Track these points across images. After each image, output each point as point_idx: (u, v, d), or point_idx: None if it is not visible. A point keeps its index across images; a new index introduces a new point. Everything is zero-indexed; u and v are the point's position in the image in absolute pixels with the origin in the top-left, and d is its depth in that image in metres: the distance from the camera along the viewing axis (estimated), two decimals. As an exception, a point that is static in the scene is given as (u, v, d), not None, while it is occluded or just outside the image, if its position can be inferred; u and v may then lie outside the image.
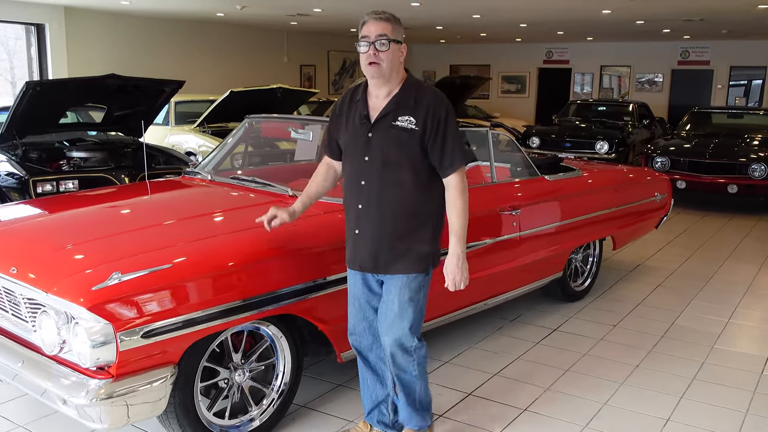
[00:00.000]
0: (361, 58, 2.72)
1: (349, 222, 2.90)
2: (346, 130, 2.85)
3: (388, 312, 2.85)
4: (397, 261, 2.80)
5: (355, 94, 2.87)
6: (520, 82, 20.82)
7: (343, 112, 2.88)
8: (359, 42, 2.71)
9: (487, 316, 4.87)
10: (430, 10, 11.84)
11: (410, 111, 2.72)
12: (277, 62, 17.07)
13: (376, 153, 2.74)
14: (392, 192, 2.76)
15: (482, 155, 5.04)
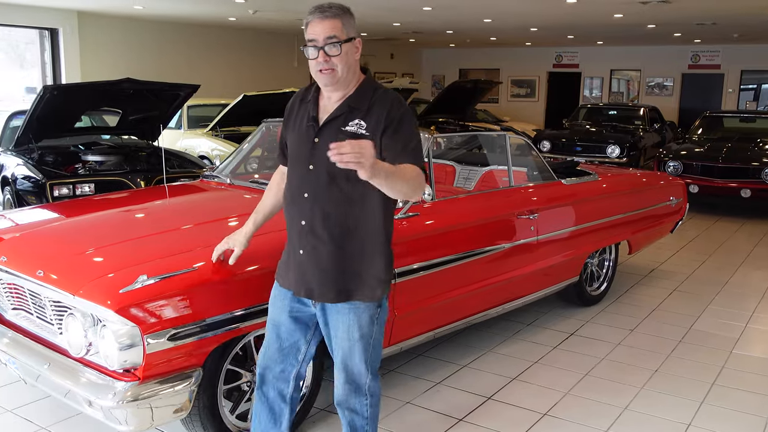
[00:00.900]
0: (310, 65, 2.38)
1: (290, 240, 2.53)
2: (292, 132, 2.53)
3: (338, 349, 2.53)
4: (346, 289, 2.44)
5: (306, 93, 2.54)
6: (529, 86, 20.82)
7: (292, 114, 2.56)
8: (306, 47, 2.37)
9: (504, 321, 4.86)
10: (442, 15, 11.86)
11: (362, 115, 2.38)
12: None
13: (321, 162, 2.34)
14: (340, 207, 2.40)
15: (499, 159, 5.06)
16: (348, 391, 2.58)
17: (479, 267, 4.04)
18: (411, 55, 21.71)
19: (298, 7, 11.17)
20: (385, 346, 3.53)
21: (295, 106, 2.57)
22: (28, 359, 2.90)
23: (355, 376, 2.55)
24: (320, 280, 2.45)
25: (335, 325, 2.50)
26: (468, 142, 5.91)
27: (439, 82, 21.79)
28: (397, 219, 3.56)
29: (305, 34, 2.38)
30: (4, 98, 12.62)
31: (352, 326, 2.49)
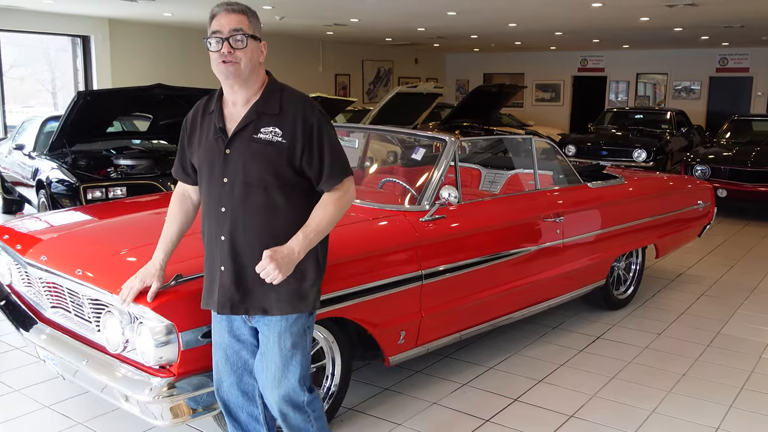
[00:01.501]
0: (212, 58, 2.28)
1: (210, 258, 2.41)
2: (199, 147, 2.38)
3: (270, 365, 2.42)
4: (274, 301, 2.36)
5: (208, 104, 2.42)
6: (554, 90, 20.74)
7: (196, 127, 2.42)
8: (208, 38, 2.28)
9: (530, 324, 4.87)
10: (466, 20, 11.89)
11: (275, 121, 2.29)
12: (313, 71, 17.27)
13: (236, 173, 2.29)
14: (261, 219, 2.31)
15: (525, 162, 5.08)
16: (286, 409, 2.46)
17: (505, 269, 4.07)
18: (435, 60, 21.76)
19: (324, 13, 11.28)
20: (411, 346, 3.59)
21: (197, 119, 2.42)
22: (67, 355, 2.99)
23: (291, 394, 2.44)
24: (246, 294, 2.36)
25: (266, 338, 2.41)
26: (493, 145, 5.94)
27: (463, 87, 21.80)
28: (423, 221, 3.62)
29: (209, 28, 2.30)
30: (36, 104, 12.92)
31: (285, 340, 2.39)
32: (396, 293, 3.38)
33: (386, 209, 3.70)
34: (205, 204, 2.42)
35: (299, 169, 2.32)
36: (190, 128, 2.44)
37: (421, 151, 4.25)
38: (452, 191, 3.63)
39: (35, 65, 13.19)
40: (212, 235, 2.38)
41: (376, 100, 18.22)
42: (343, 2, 9.83)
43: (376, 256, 3.33)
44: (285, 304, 2.37)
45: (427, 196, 3.74)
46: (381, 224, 3.54)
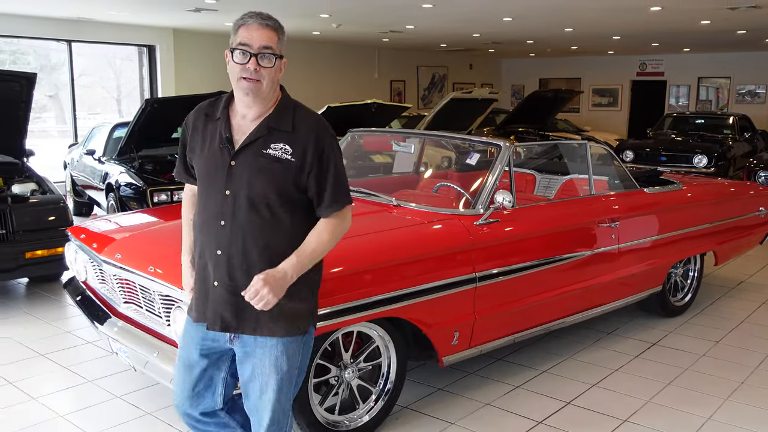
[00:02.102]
0: (233, 69, 2.18)
1: (202, 270, 2.28)
2: (201, 153, 2.27)
3: (265, 388, 2.29)
4: (268, 323, 2.23)
5: (212, 108, 2.30)
6: (612, 95, 20.42)
7: (197, 130, 2.30)
8: (234, 48, 2.17)
9: (584, 328, 4.87)
10: (523, 25, 11.87)
11: (286, 138, 2.20)
12: (368, 78, 17.46)
13: (239, 186, 2.18)
14: (262, 236, 2.20)
15: (580, 168, 5.09)
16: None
17: (559, 274, 4.10)
18: (490, 65, 21.70)
19: (381, 20, 11.44)
20: (465, 347, 3.66)
21: (199, 123, 2.30)
22: (139, 348, 3.17)
23: (281, 419, 2.35)
24: (239, 312, 2.23)
25: (259, 359, 2.27)
26: (548, 151, 5.95)
27: (518, 92, 21.68)
28: (478, 225, 3.69)
29: (234, 37, 2.18)
30: (102, 111, 13.47)
31: (281, 364, 2.28)
32: (450, 295, 3.46)
33: (441, 213, 3.78)
34: (201, 214, 2.28)
35: (303, 188, 2.24)
36: (191, 130, 2.32)
37: (476, 156, 4.32)
38: (507, 195, 3.69)
39: (101, 73, 13.75)
40: (207, 248, 2.24)
41: (431, 105, 18.29)
42: (399, 9, 9.96)
43: (431, 258, 3.42)
44: (280, 327, 2.24)
45: (482, 201, 3.81)
46: (436, 227, 3.63)
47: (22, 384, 3.96)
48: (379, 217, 3.73)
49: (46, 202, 5.51)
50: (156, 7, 9.85)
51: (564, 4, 9.33)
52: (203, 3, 9.32)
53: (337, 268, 3.07)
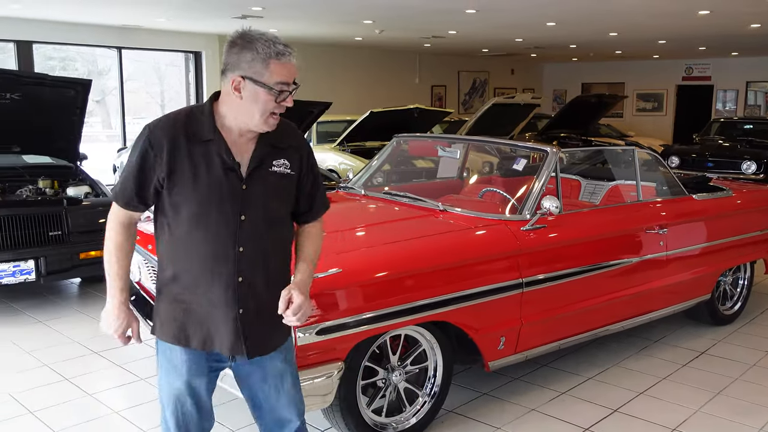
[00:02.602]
0: (262, 101, 2.02)
1: (219, 299, 2.11)
2: (195, 178, 2.05)
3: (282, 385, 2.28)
4: (280, 332, 2.25)
5: (194, 127, 2.06)
6: (656, 99, 20.09)
7: (180, 151, 2.04)
8: (273, 84, 2.01)
9: (630, 336, 4.83)
10: (566, 30, 11.78)
11: (283, 153, 2.15)
12: (409, 83, 17.52)
13: (257, 209, 2.10)
14: (280, 256, 2.19)
15: (626, 174, 5.05)
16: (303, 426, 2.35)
17: (606, 280, 4.07)
18: (531, 70, 21.57)
19: (424, 26, 11.48)
20: (510, 353, 3.67)
21: (178, 144, 2.04)
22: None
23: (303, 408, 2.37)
24: (264, 335, 2.19)
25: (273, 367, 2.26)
26: (593, 156, 5.91)
27: (560, 97, 21.49)
28: (525, 230, 3.69)
29: (266, 70, 2.00)
30: (147, 116, 13.81)
31: (290, 359, 2.31)
32: (497, 300, 3.48)
33: (487, 218, 3.80)
34: (206, 244, 2.08)
35: (296, 199, 2.23)
36: (168, 151, 2.03)
37: (522, 161, 4.32)
38: (554, 201, 3.69)
39: (146, 79, 14.09)
40: (220, 277, 2.10)
41: (472, 111, 18.26)
42: (443, 15, 9.99)
43: (478, 263, 3.44)
44: (284, 333, 2.27)
45: (528, 206, 3.81)
46: (483, 232, 3.65)
47: (78, 380, 4.09)
48: (426, 222, 3.77)
49: (99, 204, 5.67)
50: (203, 14, 10.06)
51: (610, 9, 9.24)
52: (249, 10, 9.48)
53: (386, 271, 3.12)
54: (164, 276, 2.18)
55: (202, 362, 2.21)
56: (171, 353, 2.21)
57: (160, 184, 2.07)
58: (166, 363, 2.24)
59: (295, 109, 2.08)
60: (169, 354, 2.22)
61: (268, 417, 2.34)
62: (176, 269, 2.14)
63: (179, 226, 2.09)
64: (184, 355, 2.20)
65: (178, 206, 2.07)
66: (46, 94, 5.78)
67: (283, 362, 2.28)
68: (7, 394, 3.89)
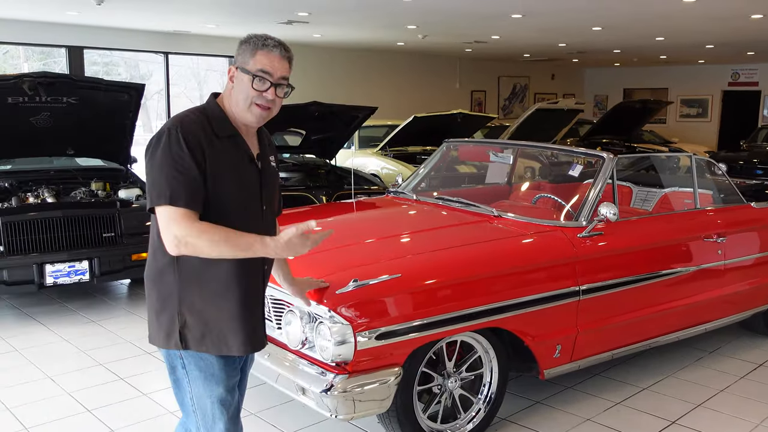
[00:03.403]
0: (248, 93, 2.10)
1: (251, 290, 2.17)
2: (233, 171, 2.12)
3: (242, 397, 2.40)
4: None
5: (214, 125, 2.13)
6: (701, 105, 19.70)
7: (214, 148, 2.09)
8: (253, 74, 2.09)
9: (684, 346, 4.72)
10: (612, 35, 11.63)
11: (272, 151, 2.32)
12: (449, 88, 17.49)
13: (269, 201, 2.24)
14: None
15: (680, 180, 4.96)
16: None
17: (663, 289, 4.00)
18: (572, 75, 21.35)
19: (467, 31, 11.46)
20: (566, 361, 3.62)
21: (210, 141, 2.09)
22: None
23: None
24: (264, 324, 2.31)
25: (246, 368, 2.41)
26: (647, 163, 5.82)
27: (601, 103, 21.22)
28: (581, 237, 3.64)
29: (250, 59, 2.11)
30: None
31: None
32: (554, 307, 3.44)
33: (543, 224, 3.76)
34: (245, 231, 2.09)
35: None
36: (209, 151, 2.07)
37: (578, 167, 4.27)
38: (611, 208, 3.63)
39: (186, 84, 14.31)
40: (254, 267, 2.16)
41: (512, 116, 18.14)
42: (487, 20, 9.95)
43: (535, 269, 3.40)
44: None
45: (585, 213, 3.76)
46: (539, 239, 3.61)
47: (132, 380, 4.16)
48: (481, 228, 3.75)
49: (151, 207, 5.76)
50: (249, 19, 10.18)
51: (661, 13, 9.09)
52: (296, 15, 9.57)
53: (446, 277, 3.11)
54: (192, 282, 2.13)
55: (237, 369, 2.28)
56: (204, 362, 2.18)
57: (203, 177, 2.04)
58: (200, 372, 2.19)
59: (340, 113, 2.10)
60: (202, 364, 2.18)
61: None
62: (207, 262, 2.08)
63: (217, 216, 2.06)
64: (227, 364, 2.20)
65: (220, 201, 2.07)
66: (101, 98, 5.91)
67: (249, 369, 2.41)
68: (65, 393, 3.97)
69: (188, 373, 2.19)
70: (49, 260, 5.11)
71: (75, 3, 8.66)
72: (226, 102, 2.18)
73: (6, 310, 5.54)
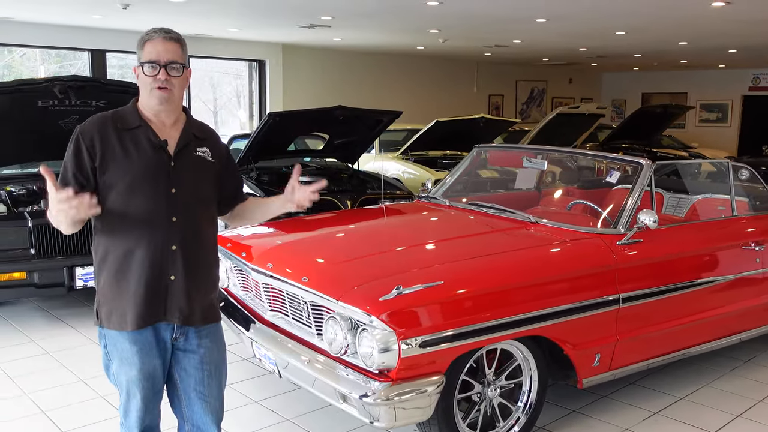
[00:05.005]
0: (145, 81, 2.30)
1: (151, 267, 2.30)
2: (127, 159, 2.29)
3: (211, 381, 2.47)
4: (213, 308, 2.48)
5: (121, 120, 2.34)
6: (721, 110, 19.54)
7: (109, 143, 2.29)
8: (142, 64, 2.29)
9: (718, 355, 4.66)
10: (635, 39, 11.55)
11: (204, 143, 2.45)
12: (467, 92, 17.44)
13: (186, 185, 2.37)
14: (209, 231, 2.46)
15: (714, 187, 4.90)
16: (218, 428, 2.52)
17: (702, 297, 3.95)
18: (590, 79, 21.25)
19: (489, 35, 11.42)
20: (605, 370, 3.58)
21: (108, 136, 2.30)
22: (288, 355, 3.26)
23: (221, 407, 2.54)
24: (196, 302, 2.38)
25: (210, 349, 2.45)
26: (680, 169, 5.75)
27: (620, 107, 21.10)
28: (620, 245, 3.60)
29: (141, 52, 2.32)
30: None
31: (222, 348, 2.52)
32: (594, 315, 3.40)
33: (580, 231, 3.72)
34: (142, 215, 2.30)
35: (218, 186, 2.51)
36: (100, 146, 2.29)
37: (616, 174, 4.22)
38: (651, 216, 3.59)
39: (200, 86, 14.37)
40: (157, 245, 2.31)
41: (530, 120, 18.07)
42: (510, 24, 9.91)
43: (576, 277, 3.37)
44: (217, 313, 2.52)
45: (623, 220, 3.72)
46: (577, 246, 3.57)
47: (165, 384, 4.14)
48: (519, 235, 3.71)
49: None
50: (271, 22, 10.19)
51: (689, 16, 9.00)
52: (318, 19, 9.57)
53: (488, 284, 3.09)
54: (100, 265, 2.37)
55: (152, 343, 2.38)
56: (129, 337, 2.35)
57: (93, 168, 2.29)
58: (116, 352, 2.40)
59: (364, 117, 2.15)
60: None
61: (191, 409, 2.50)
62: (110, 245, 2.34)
63: (114, 203, 2.30)
64: (135, 337, 2.34)
65: (113, 182, 2.29)
66: (128, 101, 5.91)
67: (217, 352, 2.48)
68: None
69: (108, 351, 2.42)
70: (79, 263, 5.12)
71: (101, 6, 8.71)
72: (140, 101, 2.38)
73: (35, 312, 5.56)
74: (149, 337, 2.35)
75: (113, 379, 2.44)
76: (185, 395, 2.47)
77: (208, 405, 2.48)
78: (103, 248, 2.35)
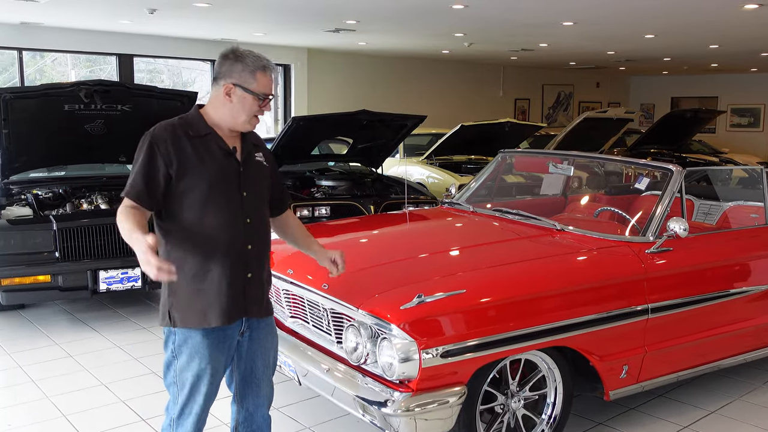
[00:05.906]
0: (245, 104, 2.42)
1: (232, 267, 2.43)
2: (202, 165, 2.41)
3: (266, 369, 2.65)
4: (270, 301, 2.69)
5: (190, 128, 2.44)
6: (753, 115, 19.17)
7: (183, 150, 2.40)
8: (258, 95, 2.41)
9: (749, 368, 4.52)
10: (664, 42, 11.37)
11: (258, 149, 2.61)
12: (493, 96, 17.33)
13: (254, 189, 2.53)
14: (267, 229, 2.65)
15: (748, 194, 4.77)
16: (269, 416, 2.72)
17: (734, 308, 3.83)
18: (618, 83, 20.99)
19: (515, 39, 11.32)
20: (632, 382, 3.49)
21: (181, 143, 2.40)
22: (307, 363, 3.22)
23: (273, 391, 2.74)
24: (263, 296, 2.59)
25: (264, 338, 2.62)
26: (711, 176, 5.62)
27: (648, 111, 20.80)
28: (649, 253, 3.51)
29: (251, 78, 2.40)
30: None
31: (277, 336, 2.72)
32: (621, 326, 3.31)
33: (608, 239, 3.63)
34: (220, 219, 2.42)
35: (270, 189, 2.66)
36: (175, 153, 2.38)
37: (645, 180, 4.12)
38: (682, 223, 3.49)
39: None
40: (236, 245, 2.45)
41: (556, 125, 17.89)
42: (537, 27, 9.80)
43: (603, 286, 3.28)
44: (272, 304, 2.71)
45: (653, 228, 3.62)
46: (605, 255, 3.48)
47: (185, 389, 4.12)
48: (544, 242, 3.63)
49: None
50: (296, 26, 10.21)
51: (720, 20, 8.82)
52: (344, 24, 9.56)
53: (511, 293, 3.01)
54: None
55: (227, 341, 2.52)
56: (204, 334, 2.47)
57: (168, 175, 2.37)
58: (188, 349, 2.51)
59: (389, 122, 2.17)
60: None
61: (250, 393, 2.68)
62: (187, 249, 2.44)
63: (190, 209, 2.40)
64: (212, 335, 2.46)
65: (188, 192, 2.39)
66: (154, 105, 5.94)
67: (271, 341, 2.66)
68: (120, 401, 3.97)
69: (175, 348, 2.50)
70: (102, 267, 5.14)
71: (128, 12, 8.79)
72: (212, 111, 2.49)
73: (60, 315, 5.60)
74: (221, 333, 2.47)
75: (172, 378, 2.53)
76: (244, 383, 2.64)
77: (261, 390, 2.66)
78: (180, 252, 2.42)
